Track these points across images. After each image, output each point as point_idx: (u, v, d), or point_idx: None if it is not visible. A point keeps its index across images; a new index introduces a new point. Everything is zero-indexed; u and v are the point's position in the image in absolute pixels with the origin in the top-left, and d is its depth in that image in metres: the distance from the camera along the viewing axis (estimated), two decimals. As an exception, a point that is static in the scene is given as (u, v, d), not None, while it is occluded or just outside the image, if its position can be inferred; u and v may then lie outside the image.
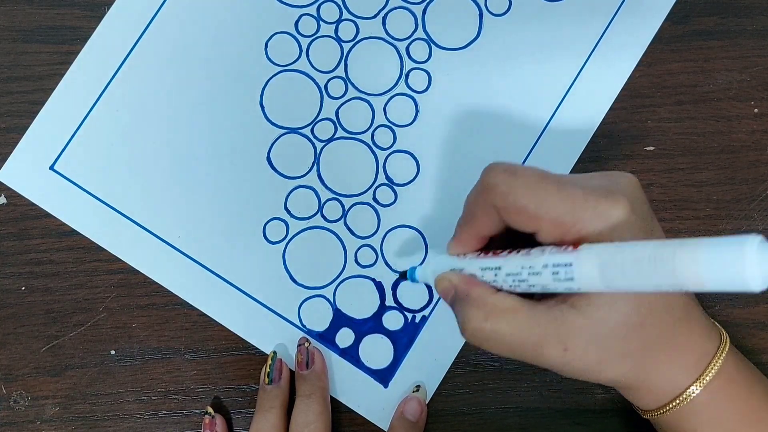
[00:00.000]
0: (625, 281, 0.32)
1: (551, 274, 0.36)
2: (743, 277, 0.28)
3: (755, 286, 0.28)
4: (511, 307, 0.38)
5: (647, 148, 0.52)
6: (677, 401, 0.40)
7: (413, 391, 0.51)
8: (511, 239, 0.40)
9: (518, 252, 0.38)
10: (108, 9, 0.53)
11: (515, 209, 0.38)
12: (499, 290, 0.39)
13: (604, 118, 0.52)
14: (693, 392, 0.39)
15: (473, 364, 0.51)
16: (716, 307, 0.51)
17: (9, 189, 0.52)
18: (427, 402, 0.51)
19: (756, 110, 0.52)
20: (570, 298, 0.37)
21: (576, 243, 0.36)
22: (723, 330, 0.42)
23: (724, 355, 0.40)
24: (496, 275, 0.39)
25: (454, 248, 0.43)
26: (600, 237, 0.36)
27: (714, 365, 0.39)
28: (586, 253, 0.34)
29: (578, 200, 0.37)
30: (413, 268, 0.48)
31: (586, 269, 0.34)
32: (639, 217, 0.37)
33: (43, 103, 0.53)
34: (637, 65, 0.53)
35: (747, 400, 0.41)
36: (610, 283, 0.33)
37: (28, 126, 0.53)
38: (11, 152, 0.52)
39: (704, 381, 0.39)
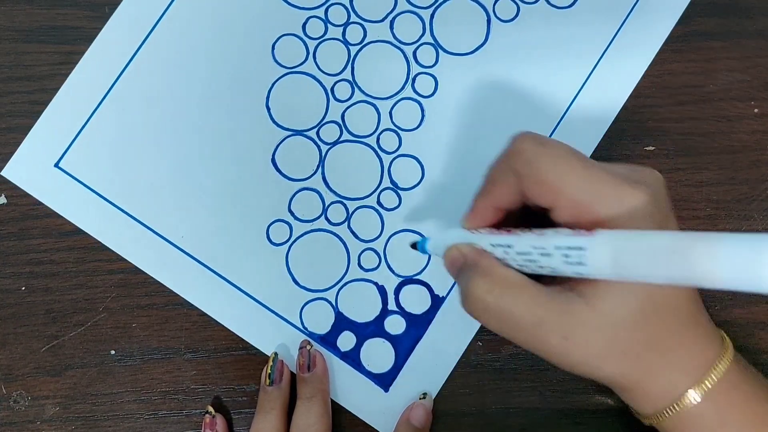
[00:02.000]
0: (638, 270, 0.31)
1: (562, 257, 0.35)
2: (760, 278, 0.27)
3: None
4: (519, 283, 0.37)
5: (647, 148, 0.53)
6: (675, 406, 0.39)
7: (420, 398, 0.51)
8: (526, 222, 0.39)
9: (531, 231, 0.37)
10: (109, 9, 0.54)
11: (536, 179, 0.37)
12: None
13: (605, 119, 0.53)
14: (691, 397, 0.38)
15: (474, 365, 0.51)
16: (716, 307, 0.51)
17: (9, 189, 0.52)
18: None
19: (757, 110, 0.53)
20: (578, 286, 0.36)
21: (591, 227, 0.35)
22: (727, 338, 0.41)
23: (726, 361, 0.39)
24: (506, 253, 0.38)
25: (469, 221, 0.42)
26: (616, 222, 0.35)
27: (715, 371, 0.38)
28: (601, 239, 0.33)
29: (601, 181, 0.36)
30: (424, 239, 0.47)
31: (599, 255, 0.33)
32: (658, 210, 0.36)
33: (43, 103, 0.53)
34: (637, 65, 0.54)
35: (749, 408, 0.40)
36: (622, 271, 0.32)
37: (29, 126, 0.53)
38: (12, 152, 0.52)
39: (704, 387, 0.38)
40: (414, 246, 0.48)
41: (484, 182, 0.41)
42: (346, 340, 0.52)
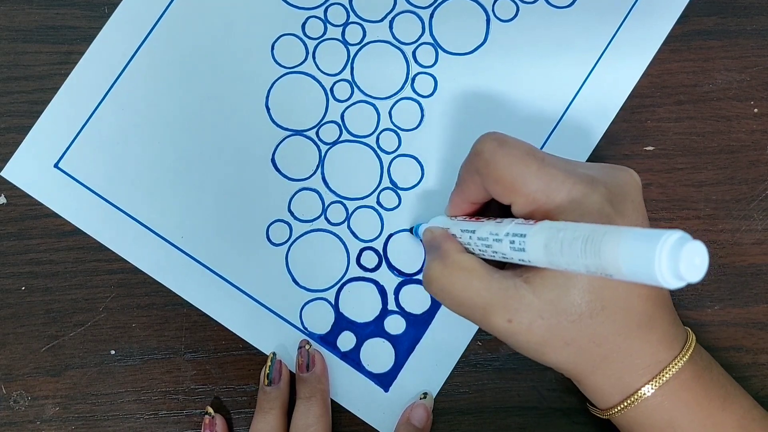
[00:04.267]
0: (561, 258, 0.33)
1: (509, 243, 0.37)
2: (653, 272, 0.28)
3: (665, 283, 0.28)
4: (470, 267, 0.40)
5: (647, 148, 0.53)
6: (629, 401, 0.41)
7: (420, 398, 0.51)
8: (504, 213, 0.41)
9: (495, 220, 0.40)
10: (108, 9, 0.54)
11: (494, 178, 0.40)
12: (471, 253, 0.41)
13: (604, 119, 0.53)
14: (645, 393, 0.40)
15: (473, 364, 0.51)
16: (716, 307, 0.51)
17: (9, 189, 0.52)
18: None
19: (755, 110, 0.53)
20: (526, 273, 0.38)
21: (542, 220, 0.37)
22: (691, 338, 0.42)
23: (681, 362, 0.40)
24: (470, 238, 0.41)
25: (448, 210, 0.47)
26: (565, 218, 0.37)
27: (669, 371, 0.40)
28: (539, 227, 0.35)
29: (555, 181, 0.38)
30: (418, 225, 0.50)
31: (536, 242, 0.35)
32: (615, 210, 0.38)
33: (42, 103, 0.53)
34: (636, 65, 0.54)
35: (704, 406, 0.41)
36: (551, 258, 0.34)
37: (28, 126, 0.53)
38: (11, 152, 0.52)
39: (658, 383, 0.40)
40: (411, 231, 0.52)
41: (457, 179, 0.45)
42: (346, 340, 0.52)
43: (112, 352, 0.52)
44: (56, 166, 0.52)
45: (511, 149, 0.39)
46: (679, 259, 0.28)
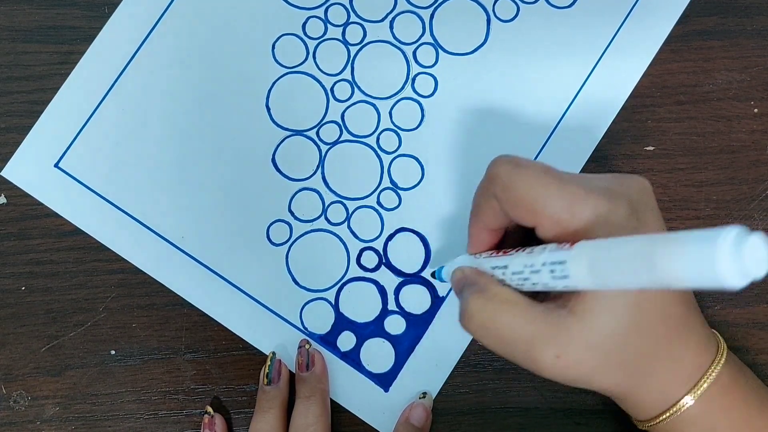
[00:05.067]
0: (612, 279, 0.32)
1: (549, 272, 0.36)
2: (716, 273, 0.26)
3: (731, 282, 0.26)
4: (513, 300, 0.38)
5: (647, 148, 0.52)
6: (670, 412, 0.40)
7: (419, 398, 0.51)
8: (526, 237, 0.40)
9: (524, 250, 0.38)
10: (108, 9, 0.54)
11: (514, 202, 0.38)
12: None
13: (605, 119, 0.53)
14: (686, 403, 0.39)
15: (473, 364, 0.51)
16: (717, 307, 0.51)
17: (9, 189, 0.52)
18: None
19: (756, 110, 0.53)
20: (569, 303, 0.37)
21: (574, 240, 0.35)
22: (722, 340, 0.42)
23: (719, 367, 0.40)
24: (503, 274, 0.39)
25: (470, 247, 0.44)
26: (595, 235, 0.36)
27: (708, 377, 0.39)
28: (578, 251, 0.34)
29: (578, 198, 0.37)
30: (441, 267, 0.49)
31: (578, 266, 0.34)
32: (639, 221, 0.37)
33: (43, 103, 0.53)
34: (637, 65, 0.53)
35: (742, 411, 0.41)
36: (600, 280, 0.33)
37: (28, 126, 0.53)
38: (11, 152, 0.52)
39: (698, 392, 0.39)
40: (433, 275, 0.51)
41: (472, 208, 0.43)
42: (346, 340, 0.52)
43: (112, 352, 0.52)
44: (56, 166, 0.52)
45: (528, 170, 0.38)
46: (743, 256, 0.26)
